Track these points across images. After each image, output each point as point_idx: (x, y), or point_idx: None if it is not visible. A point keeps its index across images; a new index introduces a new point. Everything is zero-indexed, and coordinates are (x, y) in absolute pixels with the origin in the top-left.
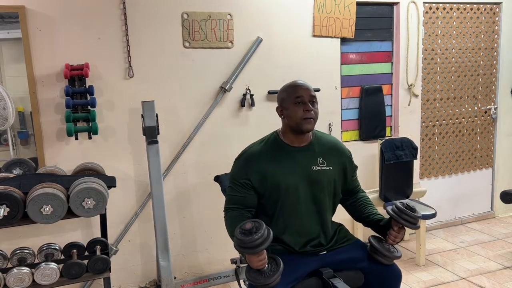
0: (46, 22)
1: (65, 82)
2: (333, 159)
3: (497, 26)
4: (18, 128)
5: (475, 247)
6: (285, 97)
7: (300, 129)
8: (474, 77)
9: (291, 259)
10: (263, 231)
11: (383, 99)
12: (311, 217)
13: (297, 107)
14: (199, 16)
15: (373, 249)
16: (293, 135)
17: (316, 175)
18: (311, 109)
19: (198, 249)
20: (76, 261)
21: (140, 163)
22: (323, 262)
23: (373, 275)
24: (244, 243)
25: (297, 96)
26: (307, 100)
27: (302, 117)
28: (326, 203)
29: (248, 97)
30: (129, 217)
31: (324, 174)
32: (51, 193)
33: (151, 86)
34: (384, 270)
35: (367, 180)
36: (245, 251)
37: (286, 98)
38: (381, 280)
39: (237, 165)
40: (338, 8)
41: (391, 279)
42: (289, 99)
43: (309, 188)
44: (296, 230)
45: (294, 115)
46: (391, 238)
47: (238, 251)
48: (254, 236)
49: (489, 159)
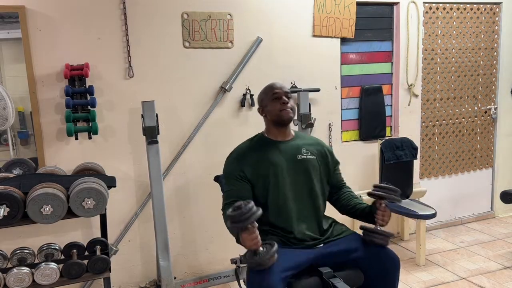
0: (46, 22)
1: (65, 82)
2: (315, 151)
3: (497, 26)
4: (18, 128)
5: (475, 247)
6: (263, 97)
7: (281, 119)
8: (474, 77)
9: (289, 250)
10: (251, 206)
11: (383, 99)
12: (303, 201)
13: (274, 102)
14: (199, 16)
15: (366, 232)
16: (276, 129)
17: (302, 162)
18: (287, 101)
19: (198, 249)
20: (76, 261)
21: (140, 163)
22: (319, 254)
23: (370, 265)
24: (234, 218)
25: (273, 93)
26: (283, 95)
27: (280, 109)
28: (315, 188)
29: (248, 97)
30: (129, 217)
31: (309, 161)
32: (51, 193)
33: (151, 86)
34: (381, 258)
35: (367, 180)
36: (236, 225)
37: (264, 97)
38: (379, 268)
39: (229, 162)
40: (338, 8)
41: (389, 267)
42: (267, 97)
43: (297, 174)
44: (290, 215)
45: (273, 109)
46: (379, 218)
47: (232, 232)
48: (243, 210)
49: (489, 159)
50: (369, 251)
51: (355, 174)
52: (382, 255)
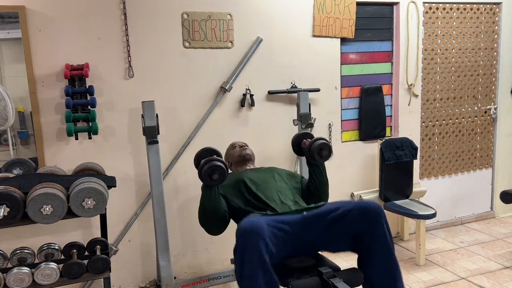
0: (46, 22)
1: (65, 82)
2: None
3: (497, 26)
4: (18, 128)
5: (475, 247)
6: (228, 153)
7: (242, 156)
8: (474, 77)
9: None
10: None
11: (383, 99)
12: (272, 183)
13: (234, 149)
14: (199, 16)
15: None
16: (241, 167)
17: (265, 170)
18: (244, 145)
19: (198, 249)
20: (76, 261)
21: (140, 163)
22: (305, 218)
23: (355, 217)
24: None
25: (233, 146)
26: (240, 145)
27: (239, 151)
28: (281, 173)
29: (248, 97)
30: (129, 217)
31: (274, 169)
32: (51, 193)
33: (151, 86)
34: (363, 207)
35: (367, 180)
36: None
37: (228, 152)
38: (364, 219)
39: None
40: (338, 8)
41: (372, 213)
42: (230, 151)
43: (261, 171)
44: (263, 196)
45: (234, 154)
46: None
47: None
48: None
49: (489, 159)
50: (350, 205)
51: (355, 174)
52: (362, 204)
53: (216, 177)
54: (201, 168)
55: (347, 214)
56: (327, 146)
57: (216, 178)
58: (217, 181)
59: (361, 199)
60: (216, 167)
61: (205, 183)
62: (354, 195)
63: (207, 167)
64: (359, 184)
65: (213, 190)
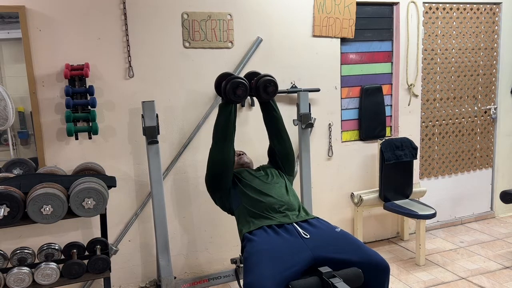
0: (46, 22)
1: (65, 82)
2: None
3: (497, 26)
4: (18, 128)
5: (475, 247)
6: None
7: (240, 164)
8: (474, 77)
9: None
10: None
11: (383, 99)
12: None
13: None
14: (199, 16)
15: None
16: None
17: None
18: (242, 152)
19: (198, 249)
20: (76, 261)
21: (140, 163)
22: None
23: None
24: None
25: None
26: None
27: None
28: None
29: (248, 97)
30: (129, 217)
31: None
32: (51, 193)
33: (151, 86)
34: (373, 263)
35: (367, 180)
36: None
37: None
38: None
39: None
40: (338, 8)
41: (381, 270)
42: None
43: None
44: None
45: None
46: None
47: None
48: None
49: (489, 159)
50: (361, 255)
51: (355, 174)
52: (374, 258)
53: (240, 92)
54: (226, 84)
55: (356, 264)
56: (272, 82)
57: (240, 93)
58: (240, 96)
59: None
60: (240, 83)
61: (227, 100)
62: (354, 195)
63: (232, 82)
64: (359, 184)
65: (231, 107)
